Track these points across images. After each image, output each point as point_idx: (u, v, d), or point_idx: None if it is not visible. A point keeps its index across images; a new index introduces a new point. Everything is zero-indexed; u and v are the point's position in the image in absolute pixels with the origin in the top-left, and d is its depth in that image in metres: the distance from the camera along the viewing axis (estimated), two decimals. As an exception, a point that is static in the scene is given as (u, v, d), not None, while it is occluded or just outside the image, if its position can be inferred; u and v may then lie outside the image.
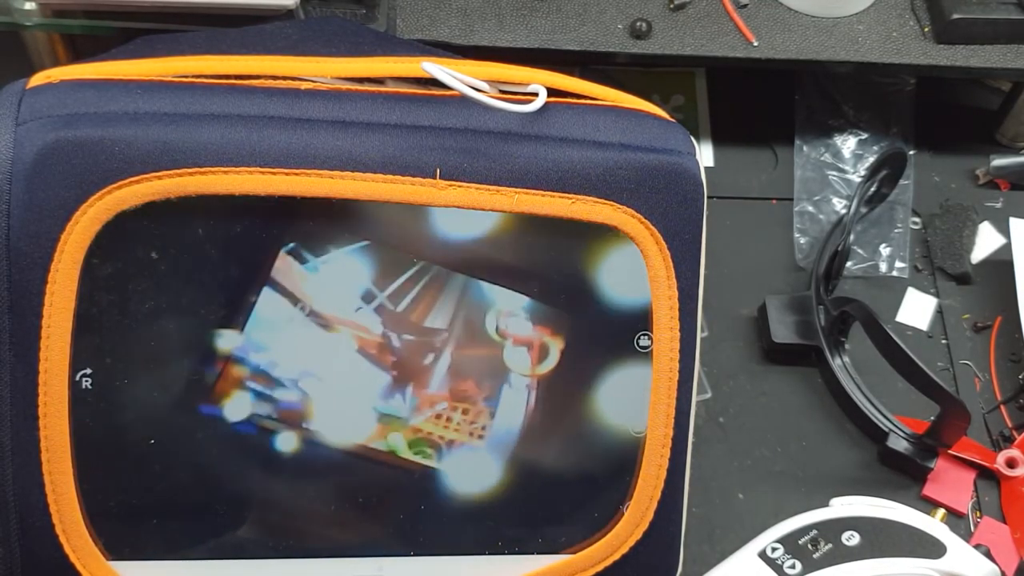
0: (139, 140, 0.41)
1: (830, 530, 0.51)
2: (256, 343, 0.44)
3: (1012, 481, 0.59)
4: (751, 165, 0.72)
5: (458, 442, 0.46)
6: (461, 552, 0.47)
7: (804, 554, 0.50)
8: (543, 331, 0.46)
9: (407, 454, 0.46)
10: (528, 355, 0.46)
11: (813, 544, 0.50)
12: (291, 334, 0.44)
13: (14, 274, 0.41)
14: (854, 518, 0.51)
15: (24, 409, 0.42)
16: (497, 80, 0.45)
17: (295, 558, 0.45)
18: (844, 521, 0.51)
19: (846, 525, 0.51)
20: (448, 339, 0.46)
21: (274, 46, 0.48)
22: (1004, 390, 0.63)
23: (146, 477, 0.44)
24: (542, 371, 0.47)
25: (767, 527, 0.57)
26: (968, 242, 0.69)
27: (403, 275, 0.45)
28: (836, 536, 0.50)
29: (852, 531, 0.51)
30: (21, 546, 0.43)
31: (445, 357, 0.46)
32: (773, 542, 0.51)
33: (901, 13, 0.68)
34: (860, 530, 0.51)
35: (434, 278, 0.45)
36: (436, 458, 0.46)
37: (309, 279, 0.44)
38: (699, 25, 0.66)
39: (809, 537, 0.51)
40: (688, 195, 0.46)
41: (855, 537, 0.50)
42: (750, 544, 0.52)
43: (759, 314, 0.64)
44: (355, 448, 0.45)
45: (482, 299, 0.46)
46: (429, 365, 0.46)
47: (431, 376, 0.46)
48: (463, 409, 0.46)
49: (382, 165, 0.43)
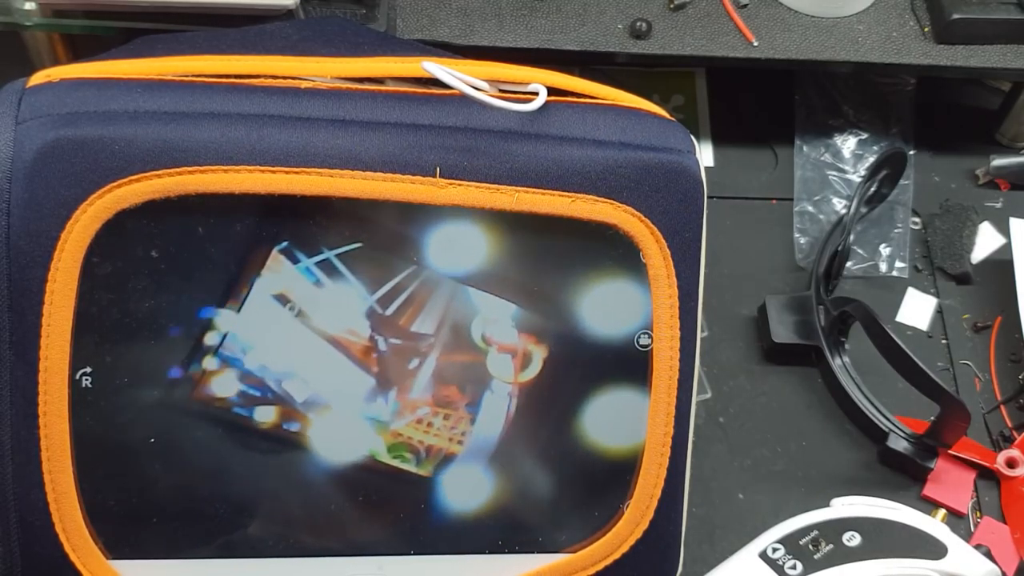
0: (139, 139, 0.41)
1: (831, 530, 0.51)
2: (246, 343, 0.44)
3: (1012, 481, 0.59)
4: (751, 165, 0.72)
5: (437, 447, 0.46)
6: (461, 551, 0.47)
7: (805, 555, 0.50)
8: (528, 339, 0.46)
9: (386, 458, 0.46)
10: (512, 362, 0.46)
11: (814, 544, 0.50)
12: (280, 335, 0.44)
13: (14, 273, 0.41)
14: (855, 518, 0.51)
15: (24, 408, 0.42)
16: (497, 79, 0.45)
17: (295, 557, 0.45)
18: (845, 521, 0.51)
19: (847, 525, 0.51)
20: (434, 344, 0.46)
21: (274, 46, 0.48)
22: (1004, 390, 0.63)
23: (146, 476, 0.44)
24: (528, 377, 0.47)
25: (767, 527, 0.57)
26: (968, 242, 0.69)
27: (394, 279, 0.45)
28: (837, 536, 0.50)
29: (853, 532, 0.50)
30: (21, 545, 0.43)
31: (430, 362, 0.46)
32: (774, 543, 0.51)
33: (901, 13, 0.68)
34: (861, 531, 0.50)
35: (424, 282, 0.45)
36: (415, 463, 0.46)
37: (301, 279, 0.44)
38: (699, 25, 0.66)
39: (810, 538, 0.50)
40: (688, 194, 0.46)
41: (856, 538, 0.50)
42: (751, 545, 0.51)
43: (759, 314, 0.64)
44: (346, 451, 0.45)
45: (469, 306, 0.46)
46: (413, 370, 0.46)
47: (415, 381, 0.46)
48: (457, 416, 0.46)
49: (382, 164, 0.43)
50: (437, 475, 0.46)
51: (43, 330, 0.41)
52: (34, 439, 0.42)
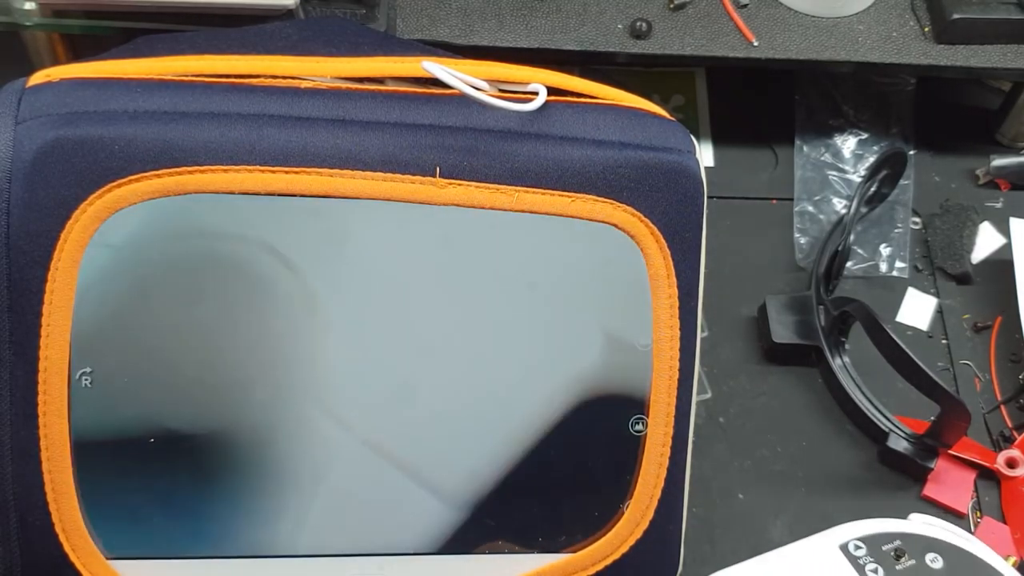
0: (139, 139, 0.41)
1: (914, 546, 0.49)
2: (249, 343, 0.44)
3: (1012, 481, 0.59)
4: (751, 165, 0.72)
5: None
6: (461, 551, 0.47)
7: (887, 562, 0.48)
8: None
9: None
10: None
11: (897, 555, 0.48)
12: (280, 334, 0.44)
13: (14, 272, 0.41)
14: (937, 540, 0.49)
15: (24, 408, 0.42)
16: (497, 79, 0.45)
17: (295, 557, 0.45)
18: (927, 541, 0.49)
19: (930, 546, 0.49)
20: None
21: (274, 46, 0.48)
22: (1004, 390, 0.63)
23: (146, 476, 0.44)
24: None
25: (767, 527, 0.57)
26: (968, 242, 0.69)
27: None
28: (920, 554, 0.48)
29: (936, 554, 0.48)
30: (21, 545, 0.43)
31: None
32: (856, 539, 0.49)
33: (901, 13, 0.68)
34: (944, 555, 0.48)
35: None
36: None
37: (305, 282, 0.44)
38: (699, 25, 0.66)
39: (893, 546, 0.48)
40: (688, 194, 0.46)
41: (939, 561, 0.48)
42: (826, 533, 0.49)
43: (759, 314, 0.64)
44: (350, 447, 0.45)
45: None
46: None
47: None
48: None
49: (382, 163, 0.43)
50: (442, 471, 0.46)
51: (43, 330, 0.41)
52: (34, 439, 0.42)
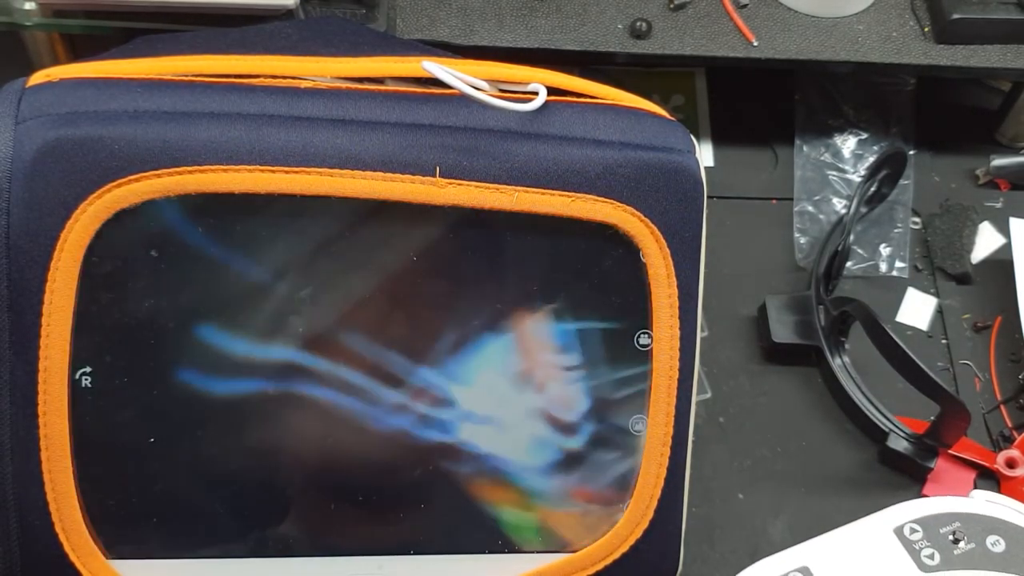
0: (139, 138, 0.41)
1: (974, 527, 0.46)
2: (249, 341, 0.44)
3: (1012, 481, 0.59)
4: (751, 165, 0.72)
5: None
6: (461, 551, 0.47)
7: (944, 546, 0.45)
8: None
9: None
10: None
11: (955, 537, 0.46)
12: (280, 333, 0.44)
13: (13, 272, 0.41)
14: (1000, 521, 0.47)
15: (24, 407, 0.42)
16: (497, 79, 0.45)
17: (295, 557, 0.45)
18: (989, 521, 0.47)
19: (991, 527, 0.46)
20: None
21: (274, 46, 0.48)
22: (1004, 390, 0.63)
23: (146, 476, 0.44)
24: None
25: (767, 527, 0.57)
26: (968, 242, 0.69)
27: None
28: (980, 537, 0.46)
29: (997, 536, 0.46)
30: (21, 545, 0.43)
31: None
32: (911, 522, 0.46)
33: (901, 13, 0.68)
34: (1006, 537, 0.46)
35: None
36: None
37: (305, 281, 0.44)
38: (699, 25, 0.66)
39: (951, 529, 0.46)
40: (688, 193, 0.46)
41: (1000, 544, 0.46)
42: (881, 514, 0.48)
43: (759, 314, 0.64)
44: (350, 447, 0.45)
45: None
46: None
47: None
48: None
49: (382, 163, 0.43)
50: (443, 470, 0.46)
51: (43, 330, 0.41)
52: (34, 439, 0.42)
